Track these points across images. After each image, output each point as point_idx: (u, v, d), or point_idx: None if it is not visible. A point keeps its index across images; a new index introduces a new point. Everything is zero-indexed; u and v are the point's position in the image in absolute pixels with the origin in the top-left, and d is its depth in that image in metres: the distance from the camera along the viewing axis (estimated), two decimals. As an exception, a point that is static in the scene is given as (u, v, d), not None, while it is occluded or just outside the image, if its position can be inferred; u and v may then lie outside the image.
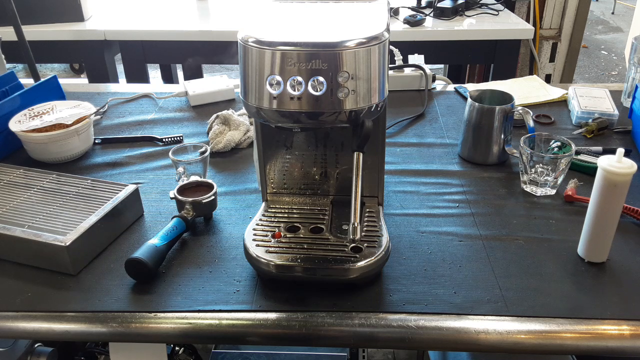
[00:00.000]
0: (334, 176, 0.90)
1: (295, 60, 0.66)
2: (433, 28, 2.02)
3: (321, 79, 0.66)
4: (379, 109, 0.72)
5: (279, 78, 0.67)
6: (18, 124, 1.10)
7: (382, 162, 0.87)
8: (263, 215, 0.87)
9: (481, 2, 2.22)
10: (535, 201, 0.98)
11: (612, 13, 6.13)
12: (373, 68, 0.68)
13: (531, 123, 1.05)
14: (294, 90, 0.67)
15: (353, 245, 0.78)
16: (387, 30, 0.70)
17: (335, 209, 0.89)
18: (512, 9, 2.48)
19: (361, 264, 0.75)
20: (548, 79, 2.67)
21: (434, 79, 1.44)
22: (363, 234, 0.81)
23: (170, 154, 1.01)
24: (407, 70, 1.43)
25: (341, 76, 0.66)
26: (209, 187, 0.93)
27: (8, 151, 1.14)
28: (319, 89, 0.67)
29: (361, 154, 0.74)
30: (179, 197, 0.90)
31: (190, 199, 0.89)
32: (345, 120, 0.70)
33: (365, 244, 0.79)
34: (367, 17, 0.75)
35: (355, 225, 0.70)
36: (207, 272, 0.82)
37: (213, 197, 0.91)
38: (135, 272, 0.79)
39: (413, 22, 2.00)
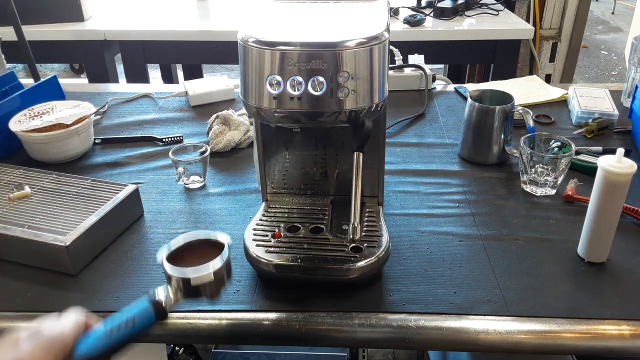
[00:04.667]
0: (334, 176, 0.90)
1: (295, 60, 0.66)
2: (433, 28, 2.02)
3: (321, 79, 0.66)
4: (379, 109, 0.72)
5: (279, 78, 0.67)
6: (18, 124, 1.10)
7: (382, 162, 0.87)
8: (263, 215, 0.87)
9: (481, 2, 2.22)
10: (535, 201, 0.98)
11: (612, 13, 6.13)
12: (373, 68, 0.68)
13: (531, 123, 1.05)
14: (294, 90, 0.67)
15: (353, 245, 0.78)
16: (387, 30, 0.70)
17: (335, 209, 0.89)
18: (512, 9, 2.48)
19: (361, 264, 0.75)
20: (548, 79, 2.67)
21: (434, 79, 1.44)
22: (363, 234, 0.81)
23: (170, 154, 1.01)
24: (407, 70, 1.43)
25: (341, 76, 0.66)
26: (216, 246, 0.63)
27: (8, 151, 1.14)
28: (319, 89, 0.66)
29: (361, 154, 0.74)
30: (168, 265, 0.60)
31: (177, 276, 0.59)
32: (345, 120, 0.70)
33: (365, 244, 0.79)
34: (367, 17, 0.75)
35: (355, 225, 0.70)
36: (207, 272, 0.82)
37: (220, 266, 0.60)
38: None
39: (413, 22, 2.00)
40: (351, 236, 0.70)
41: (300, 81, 0.66)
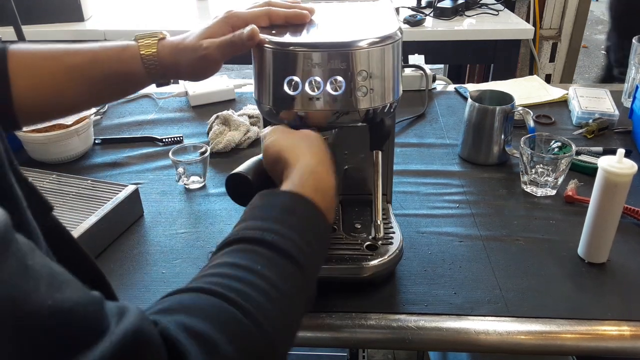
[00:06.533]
0: (343, 175, 0.90)
1: (314, 61, 0.65)
2: (433, 28, 2.02)
3: (340, 78, 0.65)
4: (393, 107, 0.72)
5: (297, 79, 0.66)
6: (18, 124, 1.10)
7: (391, 160, 0.87)
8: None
9: (481, 2, 2.22)
10: (536, 202, 0.98)
11: (612, 13, 6.12)
12: (388, 67, 0.68)
13: (531, 123, 1.05)
14: (313, 91, 0.66)
15: (368, 243, 0.79)
16: (400, 29, 0.70)
17: (344, 209, 0.89)
18: (512, 9, 2.47)
19: (375, 262, 0.75)
20: (548, 79, 2.67)
21: (434, 79, 1.44)
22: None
23: (170, 154, 1.01)
24: (407, 70, 1.43)
25: (359, 75, 0.66)
26: None
27: (8, 151, 1.14)
28: (337, 89, 0.66)
29: (380, 152, 0.74)
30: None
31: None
32: (362, 119, 0.70)
33: (380, 242, 0.79)
34: (377, 16, 0.75)
35: (378, 222, 0.70)
36: (207, 272, 0.82)
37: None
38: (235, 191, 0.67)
39: (413, 22, 2.00)
40: (374, 234, 0.70)
41: (319, 82, 0.66)
